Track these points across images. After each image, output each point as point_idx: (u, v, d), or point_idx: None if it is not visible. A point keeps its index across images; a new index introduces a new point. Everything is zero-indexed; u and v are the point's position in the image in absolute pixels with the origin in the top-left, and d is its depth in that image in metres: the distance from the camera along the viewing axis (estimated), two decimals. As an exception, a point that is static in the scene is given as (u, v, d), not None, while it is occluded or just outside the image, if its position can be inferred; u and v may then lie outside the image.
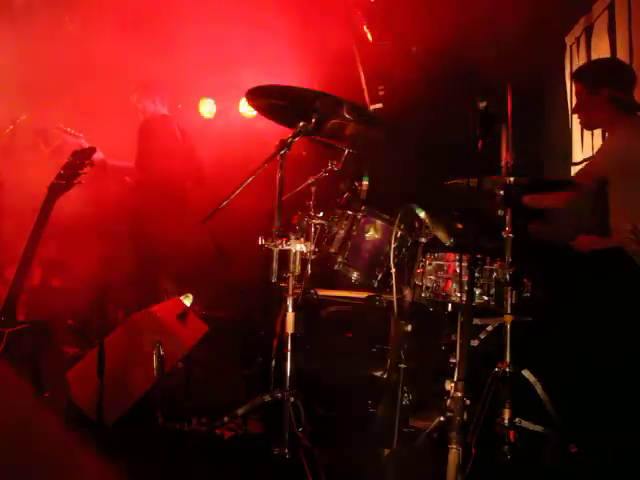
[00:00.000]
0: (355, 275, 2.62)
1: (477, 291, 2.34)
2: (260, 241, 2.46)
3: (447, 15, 4.36)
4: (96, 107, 4.51)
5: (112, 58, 4.48)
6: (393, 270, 2.53)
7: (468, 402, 1.72)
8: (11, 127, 4.25)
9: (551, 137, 4.94)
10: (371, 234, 2.61)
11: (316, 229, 2.57)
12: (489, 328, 2.53)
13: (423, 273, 2.48)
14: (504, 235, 2.27)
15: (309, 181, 3.26)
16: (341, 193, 2.67)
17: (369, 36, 4.97)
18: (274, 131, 3.05)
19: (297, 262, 2.49)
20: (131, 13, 4.35)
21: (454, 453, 1.67)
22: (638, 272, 2.61)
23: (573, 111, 2.98)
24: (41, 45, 4.21)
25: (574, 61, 4.45)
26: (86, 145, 3.91)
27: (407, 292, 2.46)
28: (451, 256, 2.44)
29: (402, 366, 2.28)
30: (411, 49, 4.66)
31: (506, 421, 2.19)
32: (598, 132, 3.58)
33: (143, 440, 2.72)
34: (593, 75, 2.87)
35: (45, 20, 4.40)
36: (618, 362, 2.65)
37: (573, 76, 2.96)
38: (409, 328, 2.31)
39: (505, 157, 2.34)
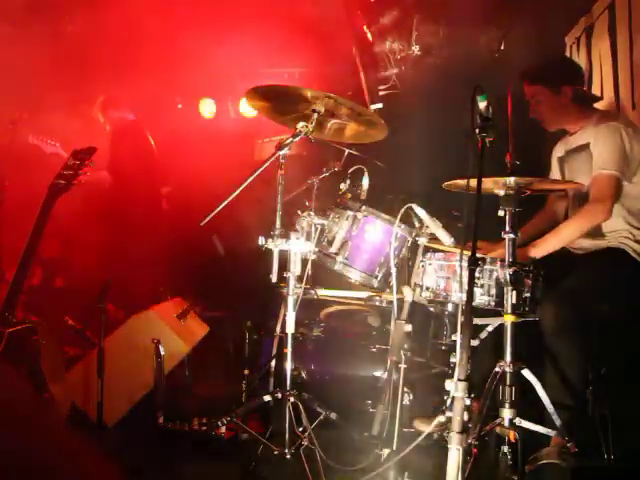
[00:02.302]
0: (355, 275, 2.61)
1: (477, 291, 2.33)
2: (260, 241, 2.46)
3: (447, 15, 4.36)
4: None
5: (110, 58, 4.48)
6: (393, 270, 2.53)
7: (468, 402, 1.72)
8: (11, 127, 4.25)
9: (551, 137, 4.94)
10: (371, 234, 2.61)
11: (316, 229, 2.57)
12: (489, 328, 2.52)
13: (423, 273, 2.48)
14: (504, 235, 2.27)
15: (309, 181, 3.26)
16: (341, 193, 2.67)
17: (369, 36, 4.97)
18: (274, 131, 3.05)
19: (297, 262, 2.49)
20: (131, 13, 4.34)
21: (454, 453, 1.67)
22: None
23: (533, 114, 2.87)
24: (39, 45, 4.21)
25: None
26: (63, 153, 4.01)
27: (407, 292, 2.45)
28: (451, 256, 2.44)
29: (402, 366, 2.28)
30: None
31: (506, 421, 2.19)
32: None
33: (143, 440, 2.72)
34: (553, 74, 2.82)
35: (44, 20, 4.40)
36: (619, 362, 2.65)
37: (526, 78, 2.85)
38: (409, 328, 2.31)
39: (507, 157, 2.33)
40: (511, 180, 2.25)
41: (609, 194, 2.55)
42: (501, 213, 2.29)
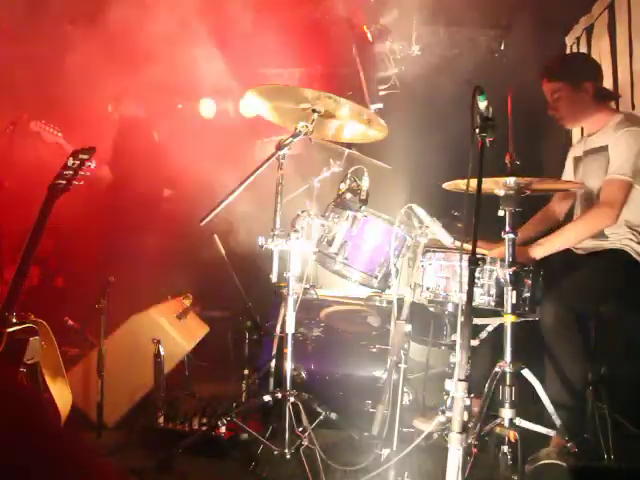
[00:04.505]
0: (355, 275, 2.61)
1: (477, 291, 2.33)
2: (260, 241, 2.46)
3: (447, 14, 4.37)
4: (94, 108, 4.51)
5: (110, 58, 4.48)
6: (393, 270, 2.53)
7: (468, 402, 1.72)
8: (11, 127, 4.25)
9: (551, 137, 4.94)
10: (371, 234, 2.61)
11: (317, 229, 2.57)
12: (489, 328, 2.52)
13: (423, 273, 2.48)
14: (504, 235, 2.27)
15: (310, 181, 3.26)
16: (341, 193, 2.67)
17: (369, 36, 4.97)
18: (274, 131, 3.06)
19: (297, 262, 2.49)
20: (130, 13, 4.34)
21: (454, 453, 1.67)
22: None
23: (553, 111, 2.85)
24: (41, 45, 4.22)
25: (574, 61, 4.44)
26: (65, 144, 3.99)
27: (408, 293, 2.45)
28: (451, 256, 2.44)
29: (402, 366, 2.28)
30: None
31: (506, 421, 2.19)
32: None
33: (143, 440, 2.72)
34: (574, 70, 2.81)
35: (45, 19, 4.40)
36: (619, 362, 2.65)
37: (546, 75, 2.83)
38: (409, 328, 2.31)
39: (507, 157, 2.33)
40: (511, 180, 2.25)
41: (620, 200, 2.54)
42: (501, 213, 2.29)
